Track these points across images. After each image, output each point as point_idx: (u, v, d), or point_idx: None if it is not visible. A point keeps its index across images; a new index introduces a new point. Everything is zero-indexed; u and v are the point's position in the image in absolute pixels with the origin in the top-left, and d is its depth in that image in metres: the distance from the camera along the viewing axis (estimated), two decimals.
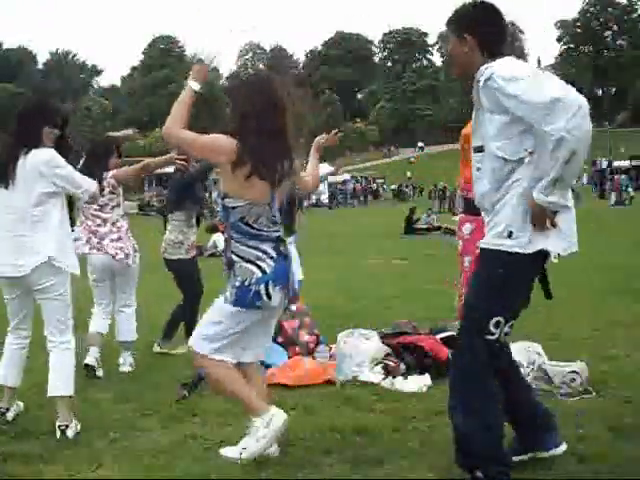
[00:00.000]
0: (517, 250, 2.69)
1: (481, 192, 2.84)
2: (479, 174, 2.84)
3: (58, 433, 3.60)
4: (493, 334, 2.73)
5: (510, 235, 2.70)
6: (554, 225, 2.67)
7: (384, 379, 4.53)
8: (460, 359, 2.85)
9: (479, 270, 2.87)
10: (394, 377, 4.53)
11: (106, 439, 3.56)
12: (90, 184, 3.88)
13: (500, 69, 2.68)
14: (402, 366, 4.65)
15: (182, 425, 3.77)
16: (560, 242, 2.71)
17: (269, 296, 3.11)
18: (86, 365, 4.78)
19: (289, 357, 4.92)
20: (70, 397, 3.73)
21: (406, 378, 4.51)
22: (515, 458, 2.97)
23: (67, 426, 3.62)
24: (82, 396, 4.31)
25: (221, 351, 3.21)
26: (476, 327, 2.77)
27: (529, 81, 2.62)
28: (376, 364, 4.67)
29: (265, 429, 3.14)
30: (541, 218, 2.64)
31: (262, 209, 3.11)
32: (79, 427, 3.67)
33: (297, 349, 5.03)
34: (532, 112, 2.58)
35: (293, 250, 3.29)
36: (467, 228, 5.28)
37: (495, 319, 2.73)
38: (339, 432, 3.58)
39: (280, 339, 5.09)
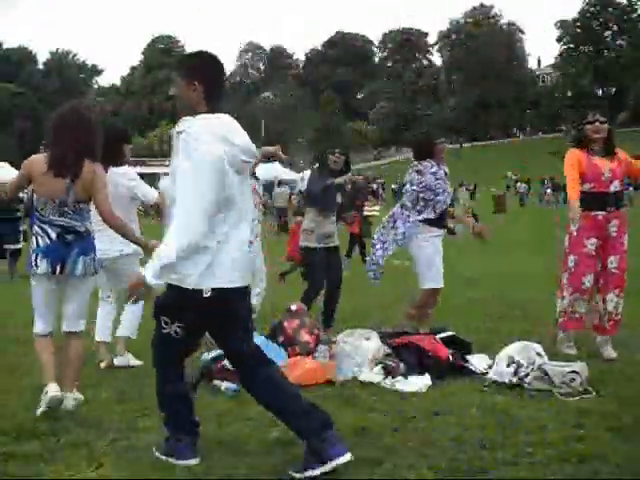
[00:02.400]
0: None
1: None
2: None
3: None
4: (165, 328, 3.21)
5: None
6: None
7: (384, 379, 4.53)
8: (154, 343, 3.34)
9: None
10: (394, 377, 4.53)
11: (106, 439, 3.56)
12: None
13: (192, 127, 3.01)
14: (402, 366, 4.65)
15: None
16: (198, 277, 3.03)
17: (37, 264, 4.02)
18: None
19: (289, 357, 4.92)
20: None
21: (406, 378, 4.51)
22: None
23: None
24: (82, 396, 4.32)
25: (35, 323, 4.13)
26: (156, 319, 3.26)
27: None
28: (376, 364, 4.67)
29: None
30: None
31: (47, 201, 4.04)
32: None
33: (297, 349, 5.02)
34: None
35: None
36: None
37: (163, 319, 3.20)
38: (339, 432, 3.57)
39: (280, 339, 5.09)
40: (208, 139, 2.97)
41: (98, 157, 4.12)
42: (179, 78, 3.15)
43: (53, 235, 4.04)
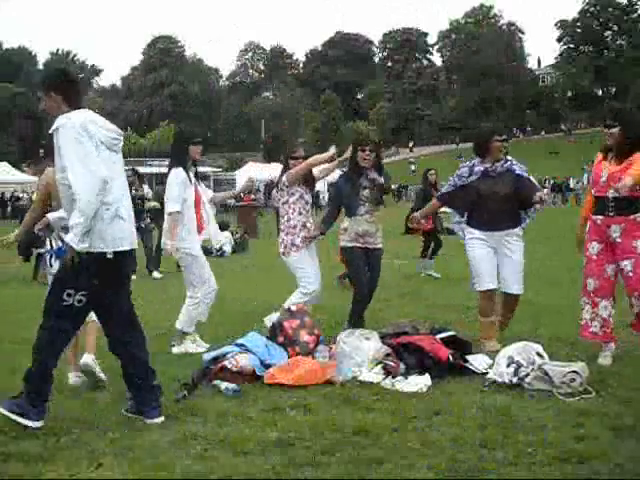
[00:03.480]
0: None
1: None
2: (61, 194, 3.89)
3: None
4: (67, 301, 3.74)
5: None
6: None
7: (384, 379, 4.53)
8: (48, 318, 3.81)
9: None
10: (394, 377, 4.53)
11: (106, 439, 3.57)
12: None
13: (70, 120, 3.67)
14: (402, 366, 4.65)
15: (182, 425, 3.77)
16: (99, 242, 3.69)
17: (51, 264, 4.69)
18: None
19: (289, 357, 4.93)
20: None
21: (406, 378, 4.51)
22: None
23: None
24: (82, 396, 4.32)
25: None
26: (54, 296, 3.79)
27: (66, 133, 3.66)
28: (376, 364, 4.67)
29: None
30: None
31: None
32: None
33: (297, 349, 5.02)
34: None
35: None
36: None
37: (66, 291, 3.74)
38: (339, 432, 3.58)
39: (280, 339, 5.09)
40: (76, 123, 3.66)
41: None
42: (43, 94, 3.89)
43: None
